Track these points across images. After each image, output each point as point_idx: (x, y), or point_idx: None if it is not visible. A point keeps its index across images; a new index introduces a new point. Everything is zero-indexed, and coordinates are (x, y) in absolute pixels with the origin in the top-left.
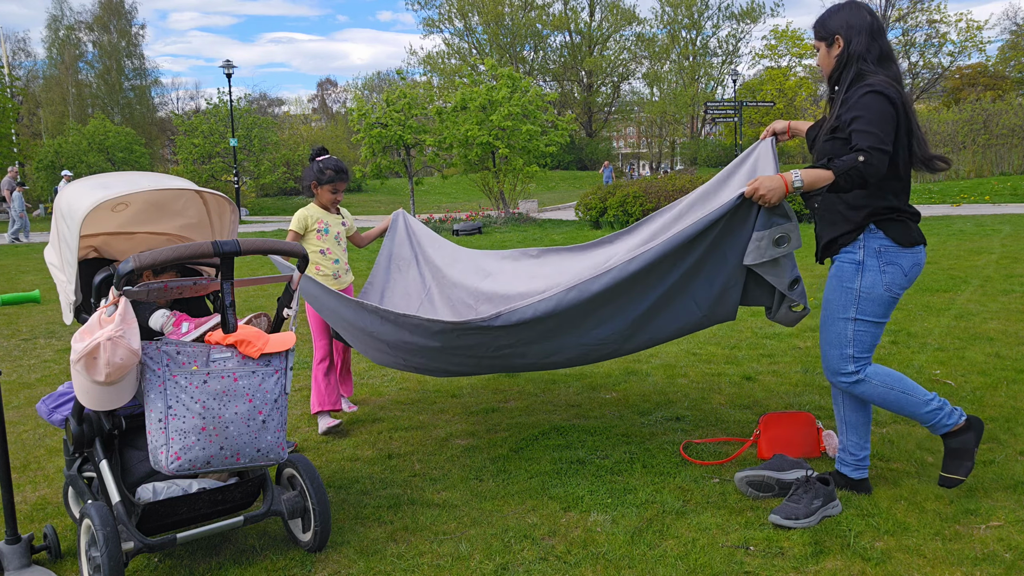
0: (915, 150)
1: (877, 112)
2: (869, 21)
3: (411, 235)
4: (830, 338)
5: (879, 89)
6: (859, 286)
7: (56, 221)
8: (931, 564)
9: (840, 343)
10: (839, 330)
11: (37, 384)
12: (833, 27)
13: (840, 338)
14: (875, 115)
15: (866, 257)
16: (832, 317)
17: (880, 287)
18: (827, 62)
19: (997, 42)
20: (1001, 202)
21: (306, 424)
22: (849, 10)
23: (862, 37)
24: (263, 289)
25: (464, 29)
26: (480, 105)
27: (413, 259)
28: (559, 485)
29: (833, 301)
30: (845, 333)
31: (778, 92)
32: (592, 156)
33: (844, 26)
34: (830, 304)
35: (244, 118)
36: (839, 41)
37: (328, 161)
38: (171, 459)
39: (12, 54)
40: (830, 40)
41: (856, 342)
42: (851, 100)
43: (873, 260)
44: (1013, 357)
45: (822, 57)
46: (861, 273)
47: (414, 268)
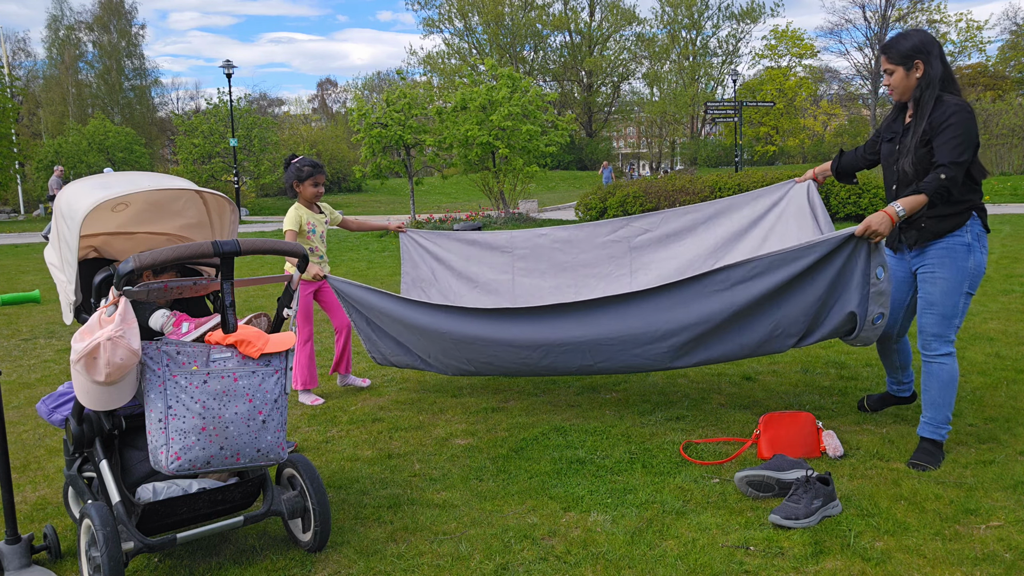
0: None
1: (963, 128)
2: (940, 47)
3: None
4: (945, 310)
5: (967, 108)
6: (971, 264)
7: (56, 221)
8: (931, 564)
9: (953, 314)
10: (954, 302)
11: (37, 384)
12: (911, 52)
13: (954, 309)
14: (961, 131)
15: (972, 240)
16: (949, 291)
17: (983, 266)
18: (906, 84)
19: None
20: (1001, 202)
21: (306, 424)
22: (921, 36)
23: (938, 61)
24: (263, 289)
25: (464, 29)
26: (480, 105)
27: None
28: (559, 485)
29: (950, 278)
30: (958, 305)
31: (778, 92)
32: (592, 156)
33: (923, 52)
34: (946, 280)
35: (244, 118)
36: (919, 66)
37: (303, 160)
38: (171, 459)
39: (12, 54)
40: (909, 64)
41: (962, 314)
42: (942, 116)
43: (976, 243)
44: (1013, 357)
45: (899, 80)
46: (971, 254)
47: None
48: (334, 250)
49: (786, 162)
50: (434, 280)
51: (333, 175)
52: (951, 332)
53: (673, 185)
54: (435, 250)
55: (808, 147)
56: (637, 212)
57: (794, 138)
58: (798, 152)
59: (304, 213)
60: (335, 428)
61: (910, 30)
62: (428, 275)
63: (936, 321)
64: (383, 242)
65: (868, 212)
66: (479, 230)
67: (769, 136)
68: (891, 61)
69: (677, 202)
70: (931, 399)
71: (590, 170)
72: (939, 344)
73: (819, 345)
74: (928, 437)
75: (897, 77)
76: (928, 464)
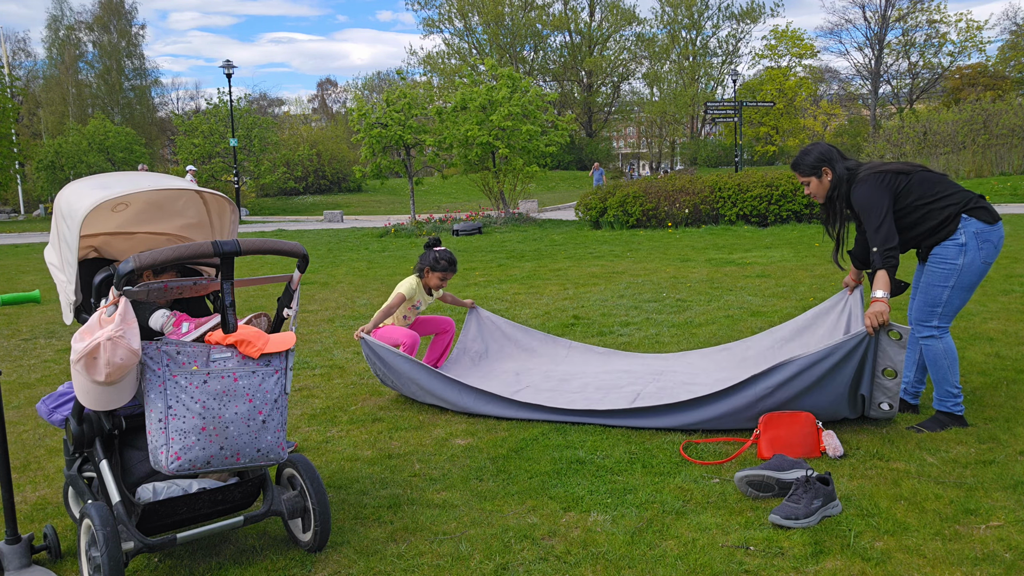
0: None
1: (867, 203)
2: (837, 150)
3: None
4: (926, 299)
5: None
6: (962, 263)
7: (56, 221)
8: (931, 564)
9: (935, 303)
10: (936, 295)
11: (37, 384)
12: (817, 164)
13: (935, 300)
14: (867, 206)
15: (967, 240)
16: (933, 284)
17: (978, 261)
18: (822, 189)
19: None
20: (1001, 202)
21: (306, 424)
22: (820, 148)
23: (840, 164)
24: (263, 289)
25: (464, 29)
26: (480, 105)
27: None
28: (559, 485)
29: (935, 273)
30: (940, 297)
31: (778, 92)
32: (592, 156)
33: (826, 160)
34: (933, 275)
35: (244, 118)
36: (827, 172)
37: (444, 253)
38: (171, 459)
39: (12, 54)
40: (819, 174)
41: (947, 304)
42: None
43: (973, 241)
44: (1013, 357)
45: (816, 187)
46: (964, 253)
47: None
48: (335, 249)
49: (786, 162)
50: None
51: (333, 175)
52: (932, 319)
53: (673, 185)
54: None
55: None
56: (637, 212)
57: (794, 138)
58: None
59: (419, 290)
60: (335, 428)
61: (809, 145)
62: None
63: (919, 307)
64: (383, 242)
65: None
66: (479, 231)
67: (769, 136)
68: (803, 175)
69: (677, 202)
70: (932, 377)
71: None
72: (920, 328)
73: None
74: (939, 409)
75: (813, 186)
76: (926, 428)
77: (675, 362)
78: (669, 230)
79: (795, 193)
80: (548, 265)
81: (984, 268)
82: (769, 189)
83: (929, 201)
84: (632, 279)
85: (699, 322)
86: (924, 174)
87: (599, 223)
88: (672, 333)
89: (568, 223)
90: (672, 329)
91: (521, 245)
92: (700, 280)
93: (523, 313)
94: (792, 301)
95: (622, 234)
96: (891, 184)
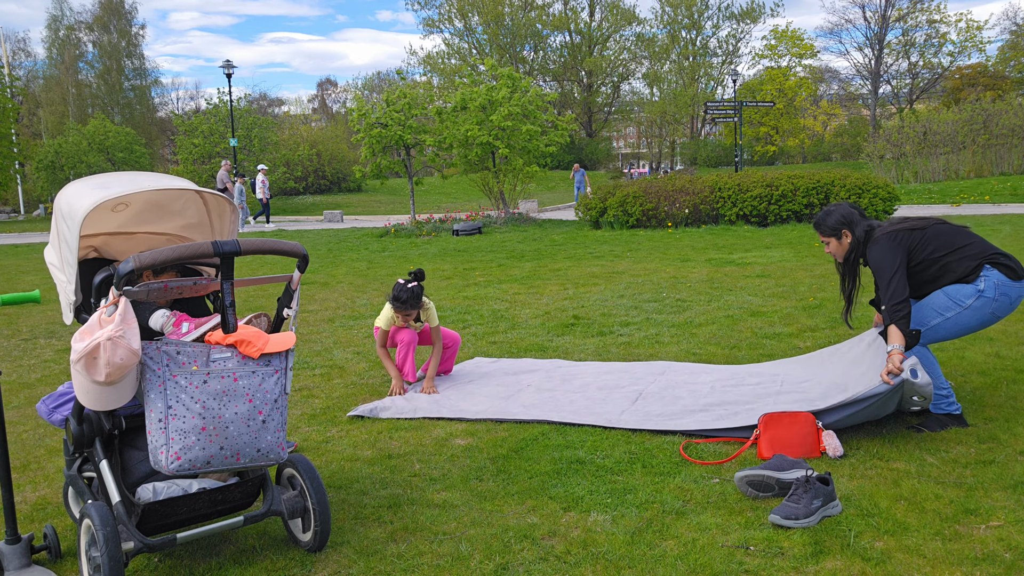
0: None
1: (879, 265)
2: (858, 211)
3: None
4: (921, 317)
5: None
6: (970, 304)
7: (56, 221)
8: (931, 564)
9: (920, 323)
10: (926, 316)
11: (37, 384)
12: (838, 226)
13: (923, 321)
14: (878, 263)
15: (986, 287)
16: (927, 306)
17: (988, 311)
18: (841, 249)
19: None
20: (1001, 202)
21: (306, 424)
22: (842, 211)
23: (860, 226)
24: (263, 289)
25: (464, 29)
26: (480, 105)
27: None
28: (559, 485)
29: (937, 300)
30: (929, 321)
31: (778, 92)
32: (592, 156)
33: (846, 223)
34: (933, 300)
35: (244, 118)
36: (846, 234)
37: (399, 290)
38: (171, 459)
39: (12, 54)
40: (839, 235)
41: (933, 330)
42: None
43: (992, 291)
44: (1013, 357)
45: (835, 248)
46: (979, 296)
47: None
48: (335, 249)
49: (786, 162)
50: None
51: (333, 175)
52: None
53: (673, 185)
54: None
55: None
56: (637, 212)
57: (794, 138)
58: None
59: (398, 319)
60: (335, 428)
61: (831, 206)
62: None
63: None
64: (383, 242)
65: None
66: (479, 231)
67: (769, 136)
68: (824, 235)
69: (677, 202)
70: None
71: (590, 170)
72: None
73: (822, 347)
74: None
75: (833, 246)
76: (927, 428)
77: (676, 365)
78: (669, 230)
79: (795, 193)
80: (548, 265)
81: (990, 320)
82: (769, 189)
83: (946, 253)
84: (632, 279)
85: (699, 322)
86: (939, 227)
87: (599, 223)
88: (672, 333)
89: (568, 223)
90: (672, 329)
91: (521, 245)
92: (700, 280)
93: (523, 313)
94: (792, 301)
95: (622, 234)
96: (904, 241)
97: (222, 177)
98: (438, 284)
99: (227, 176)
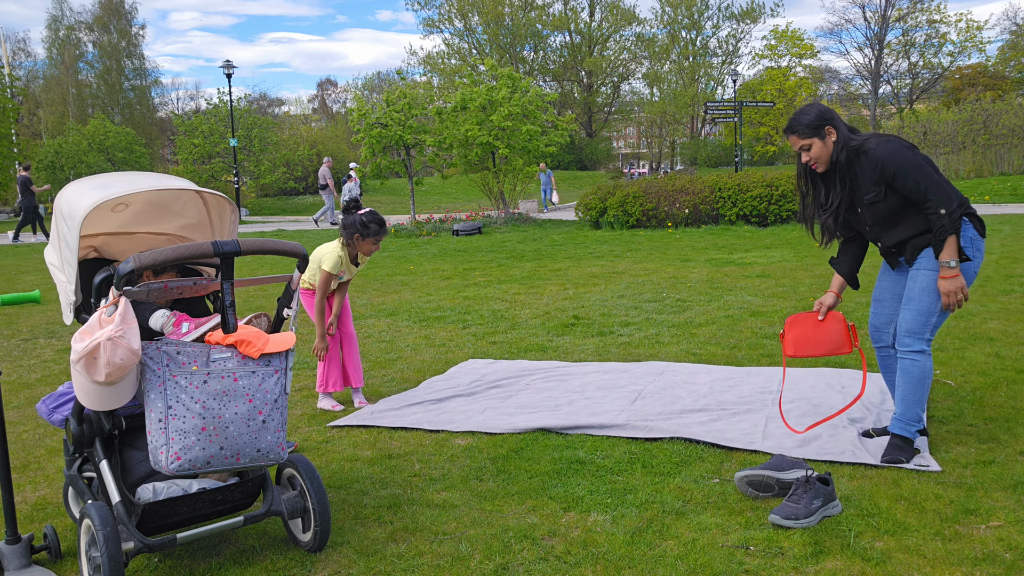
0: None
1: (911, 163)
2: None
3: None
4: (921, 306)
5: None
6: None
7: (56, 221)
8: (931, 564)
9: (930, 312)
10: (931, 300)
11: (37, 384)
12: (819, 123)
13: (931, 307)
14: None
15: (966, 245)
16: (928, 288)
17: (971, 271)
18: (826, 152)
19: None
20: (1001, 202)
21: (306, 424)
22: (819, 107)
23: (841, 122)
24: (263, 289)
25: (464, 29)
26: (480, 105)
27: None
28: (559, 485)
29: (931, 277)
30: (935, 304)
31: (778, 92)
32: (592, 156)
33: (828, 118)
34: (927, 278)
35: (244, 118)
36: (830, 131)
37: (371, 214)
38: (171, 459)
39: (12, 54)
40: (821, 134)
41: (941, 314)
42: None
43: (970, 248)
44: (1013, 357)
45: (819, 150)
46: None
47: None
48: None
49: (786, 162)
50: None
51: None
52: (925, 330)
53: (673, 185)
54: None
55: None
56: (637, 212)
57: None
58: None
59: (344, 261)
60: (335, 428)
61: (805, 106)
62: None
63: (911, 317)
64: (383, 242)
65: None
66: (479, 231)
67: (769, 136)
68: (804, 136)
69: (677, 202)
70: (902, 395)
71: (590, 170)
72: (912, 340)
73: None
74: (897, 433)
75: (816, 148)
76: (900, 458)
77: (675, 365)
78: (669, 230)
79: (795, 193)
80: (548, 265)
81: (973, 279)
82: (769, 189)
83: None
84: (632, 279)
85: (699, 322)
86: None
87: (599, 223)
88: (672, 333)
89: (568, 223)
90: (672, 329)
91: (521, 245)
92: (700, 280)
93: (523, 313)
94: (792, 301)
95: (622, 234)
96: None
97: (324, 174)
98: (438, 284)
99: (329, 172)
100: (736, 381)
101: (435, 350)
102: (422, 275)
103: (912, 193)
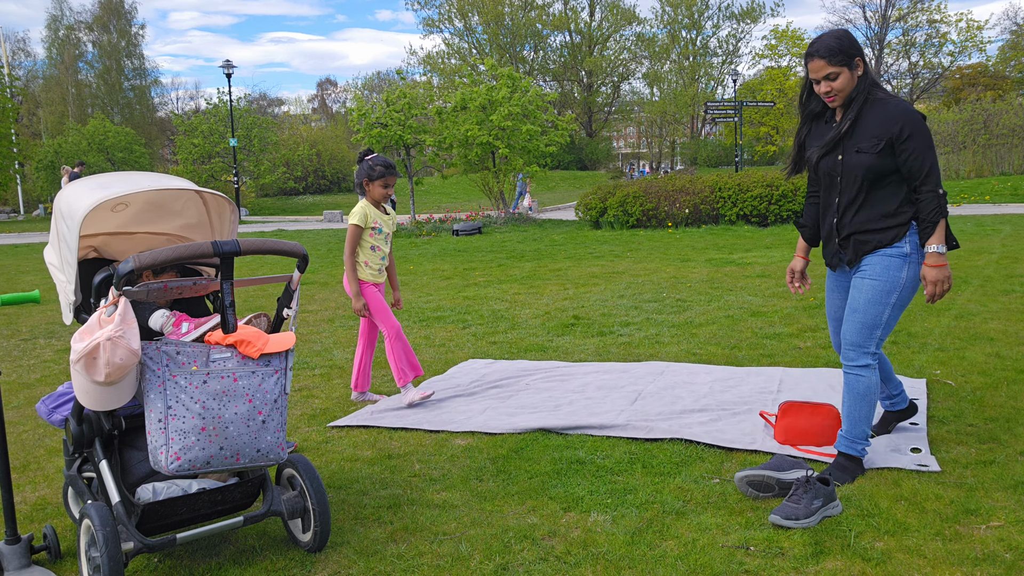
0: None
1: (928, 138)
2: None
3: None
4: (866, 319)
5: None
6: (904, 276)
7: (56, 221)
8: (931, 564)
9: (875, 324)
10: (878, 312)
11: (37, 384)
12: (851, 51)
13: (876, 319)
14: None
15: (911, 251)
16: (874, 300)
17: (913, 278)
18: (850, 86)
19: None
20: (1001, 202)
21: (306, 424)
22: (850, 35)
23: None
24: (263, 289)
25: (464, 29)
26: (480, 105)
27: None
28: (559, 485)
29: (877, 286)
30: (881, 316)
31: (778, 92)
32: (592, 156)
33: (858, 49)
34: (873, 288)
35: (244, 118)
36: (860, 64)
37: (377, 158)
38: (171, 459)
39: (12, 54)
40: (852, 64)
41: (886, 326)
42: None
43: (916, 254)
44: (1013, 357)
45: (845, 82)
46: (907, 265)
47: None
48: (334, 249)
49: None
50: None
51: (333, 175)
52: (871, 343)
53: (673, 185)
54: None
55: None
56: (637, 212)
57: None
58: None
59: (372, 211)
60: (335, 428)
61: (831, 30)
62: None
63: (856, 329)
64: None
65: None
66: (479, 231)
67: (769, 136)
68: (834, 63)
69: (677, 202)
70: (848, 412)
71: (590, 170)
72: (857, 354)
73: (823, 347)
74: (843, 452)
75: (843, 79)
76: (842, 479)
77: (675, 365)
78: (669, 230)
79: (795, 193)
80: (548, 265)
81: (915, 288)
82: (769, 189)
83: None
84: (632, 279)
85: (699, 322)
86: None
87: (599, 223)
88: (672, 333)
89: (568, 223)
90: (672, 329)
91: (521, 245)
92: (700, 280)
93: (523, 313)
94: (792, 301)
95: (622, 234)
96: None
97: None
98: (438, 284)
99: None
100: (736, 381)
101: (435, 350)
102: (422, 275)
103: (912, 163)
